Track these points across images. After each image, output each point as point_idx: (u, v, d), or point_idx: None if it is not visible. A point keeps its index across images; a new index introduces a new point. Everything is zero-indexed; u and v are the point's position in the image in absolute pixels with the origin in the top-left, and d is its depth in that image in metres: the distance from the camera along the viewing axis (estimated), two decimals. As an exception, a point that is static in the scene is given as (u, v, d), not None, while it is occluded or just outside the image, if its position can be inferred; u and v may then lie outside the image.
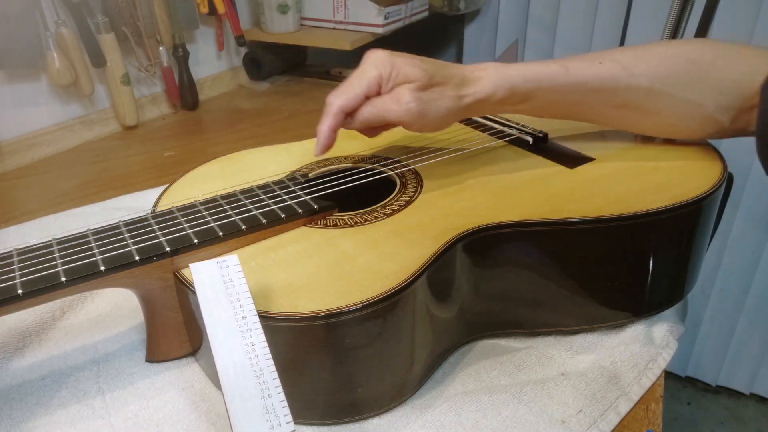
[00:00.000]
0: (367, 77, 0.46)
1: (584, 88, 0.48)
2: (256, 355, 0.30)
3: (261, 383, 0.29)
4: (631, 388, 0.44)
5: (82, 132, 0.89)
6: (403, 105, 0.45)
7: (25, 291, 0.37)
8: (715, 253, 1.30)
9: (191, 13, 0.99)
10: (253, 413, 0.28)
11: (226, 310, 0.32)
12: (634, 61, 0.47)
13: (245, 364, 0.30)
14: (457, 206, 0.47)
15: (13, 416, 0.42)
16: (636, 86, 0.47)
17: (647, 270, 0.47)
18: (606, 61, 0.48)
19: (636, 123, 0.51)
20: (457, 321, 0.46)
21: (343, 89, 0.47)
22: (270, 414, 0.29)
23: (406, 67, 0.45)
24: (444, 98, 0.46)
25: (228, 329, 0.31)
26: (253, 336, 0.31)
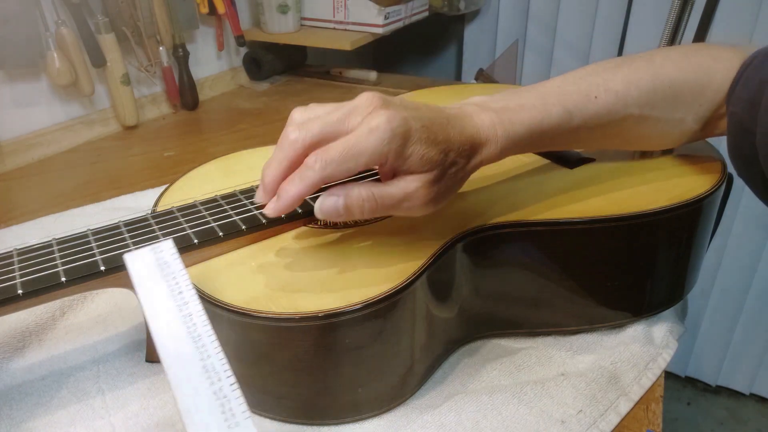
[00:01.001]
0: (367, 154, 0.35)
1: (584, 129, 0.44)
2: (194, 323, 0.31)
3: (199, 347, 0.30)
4: (631, 388, 0.44)
5: (82, 132, 0.89)
6: (420, 206, 0.38)
7: (25, 291, 0.36)
8: (715, 253, 1.31)
9: (191, 13, 0.99)
10: (193, 375, 0.29)
11: (161, 287, 0.33)
12: (627, 90, 0.45)
13: (183, 331, 0.31)
14: (457, 206, 0.47)
15: (13, 416, 0.42)
16: (628, 116, 0.45)
17: (647, 270, 0.47)
18: (601, 94, 0.44)
19: (620, 145, 0.50)
20: (457, 321, 0.46)
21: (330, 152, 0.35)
22: (210, 373, 0.29)
23: (421, 147, 0.36)
24: (456, 182, 0.39)
25: (165, 305, 0.32)
26: (191, 307, 0.32)
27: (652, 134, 0.48)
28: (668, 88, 0.45)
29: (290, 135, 0.36)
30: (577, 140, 0.46)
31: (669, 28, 0.71)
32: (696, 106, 0.46)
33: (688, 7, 0.70)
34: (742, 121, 0.40)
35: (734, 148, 0.43)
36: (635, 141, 0.49)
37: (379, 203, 0.37)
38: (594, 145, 0.49)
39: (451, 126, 0.38)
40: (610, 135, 0.47)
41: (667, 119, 0.46)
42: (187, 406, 0.28)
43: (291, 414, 0.40)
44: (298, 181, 0.36)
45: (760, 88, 0.38)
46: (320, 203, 0.37)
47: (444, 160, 0.37)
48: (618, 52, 1.22)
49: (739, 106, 0.41)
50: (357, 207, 0.37)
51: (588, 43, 1.25)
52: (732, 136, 0.42)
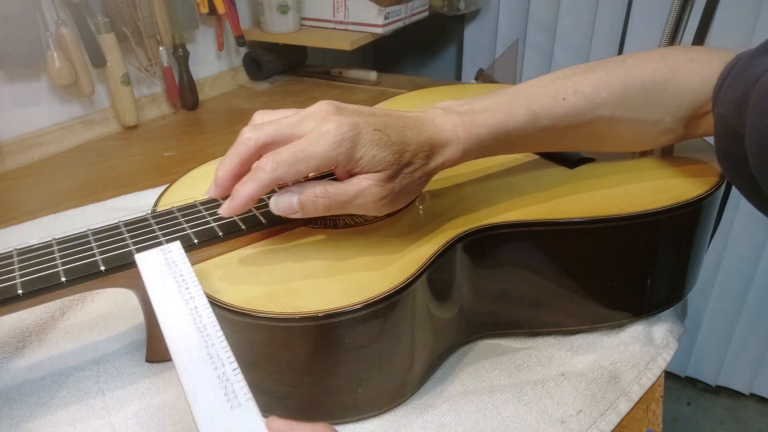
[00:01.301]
0: (317, 157, 0.36)
1: (552, 130, 0.45)
2: (199, 315, 0.34)
3: (204, 336, 0.32)
4: (631, 388, 0.44)
5: (82, 132, 0.89)
6: (374, 203, 0.38)
7: (25, 291, 0.37)
8: (715, 253, 1.31)
9: (191, 13, 0.99)
10: (198, 361, 0.31)
11: (170, 283, 0.36)
12: (596, 92, 0.45)
13: (189, 322, 0.33)
14: (457, 206, 0.47)
15: (13, 416, 0.42)
16: (599, 118, 0.45)
17: (647, 270, 0.47)
18: (569, 95, 0.44)
19: (595, 147, 0.50)
20: (457, 321, 0.46)
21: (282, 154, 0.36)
22: (214, 359, 0.31)
23: (373, 148, 0.37)
24: (413, 182, 0.40)
25: (173, 299, 0.35)
26: (197, 301, 0.35)
27: (628, 135, 0.48)
28: (640, 89, 0.45)
29: (245, 134, 0.38)
30: (547, 142, 0.46)
31: (669, 28, 0.71)
32: (673, 107, 0.46)
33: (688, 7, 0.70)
34: (729, 122, 0.40)
35: (722, 150, 0.43)
36: (612, 142, 0.49)
37: (332, 199, 0.38)
38: (567, 146, 0.49)
39: (408, 128, 0.39)
40: (583, 137, 0.47)
41: (642, 120, 0.46)
42: (192, 389, 0.29)
43: (291, 414, 0.40)
44: (250, 183, 0.37)
45: (745, 89, 0.39)
46: (275, 200, 0.38)
47: (398, 160, 0.38)
48: (618, 52, 1.22)
49: (726, 107, 0.41)
50: (310, 203, 0.38)
51: (588, 43, 1.25)
52: (719, 137, 0.42)
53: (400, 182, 0.39)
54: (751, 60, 0.40)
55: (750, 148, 0.37)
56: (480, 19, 1.39)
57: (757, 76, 0.38)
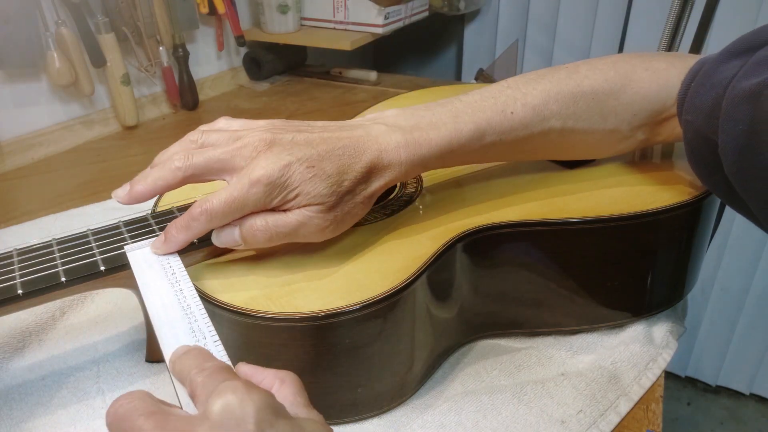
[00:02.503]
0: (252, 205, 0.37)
1: (499, 144, 0.44)
2: (184, 295, 0.36)
3: (188, 313, 0.34)
4: (631, 388, 0.44)
5: (82, 132, 0.89)
6: (317, 232, 0.39)
7: (25, 291, 0.37)
8: (715, 253, 1.31)
9: (191, 13, 0.99)
10: (181, 335, 0.33)
11: (156, 269, 0.38)
12: (545, 103, 0.44)
13: (174, 301, 0.35)
14: (457, 206, 0.47)
15: (13, 416, 0.42)
16: (549, 129, 0.45)
17: (647, 270, 0.47)
18: (518, 109, 0.44)
19: (549, 157, 0.50)
20: (457, 321, 0.46)
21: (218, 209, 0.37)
22: (196, 333, 0.33)
23: (306, 185, 0.37)
24: (356, 205, 0.40)
25: (158, 282, 0.37)
26: (182, 284, 0.37)
27: (582, 144, 0.47)
28: (591, 99, 0.45)
29: (175, 162, 0.38)
30: (496, 154, 0.46)
31: (669, 28, 0.71)
32: (628, 115, 0.46)
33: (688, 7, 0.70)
34: (700, 129, 0.40)
35: (695, 156, 0.43)
36: (567, 152, 0.49)
37: (274, 231, 0.38)
38: (521, 157, 0.49)
39: (347, 156, 0.39)
40: (535, 148, 0.46)
41: (595, 130, 0.46)
42: None
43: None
44: (185, 231, 0.38)
45: (715, 95, 0.38)
46: (216, 234, 0.39)
47: (336, 191, 0.38)
48: (618, 51, 1.22)
49: (694, 114, 0.41)
50: (251, 236, 0.38)
51: (588, 43, 1.25)
52: (690, 144, 0.42)
53: (341, 209, 0.39)
54: (717, 65, 0.40)
55: (725, 155, 0.37)
56: (480, 19, 1.39)
57: (726, 81, 0.38)
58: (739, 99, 0.36)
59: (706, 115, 0.39)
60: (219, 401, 0.24)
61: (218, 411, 0.24)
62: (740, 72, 0.37)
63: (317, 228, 0.39)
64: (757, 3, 1.06)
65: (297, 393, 0.29)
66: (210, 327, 0.33)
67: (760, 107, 0.34)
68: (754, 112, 0.35)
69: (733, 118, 0.36)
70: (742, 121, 0.35)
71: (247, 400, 0.24)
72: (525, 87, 0.45)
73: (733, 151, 0.36)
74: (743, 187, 0.37)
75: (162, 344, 0.32)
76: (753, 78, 0.36)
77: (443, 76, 1.53)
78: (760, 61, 0.36)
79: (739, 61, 0.38)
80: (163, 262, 0.39)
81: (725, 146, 0.37)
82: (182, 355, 0.29)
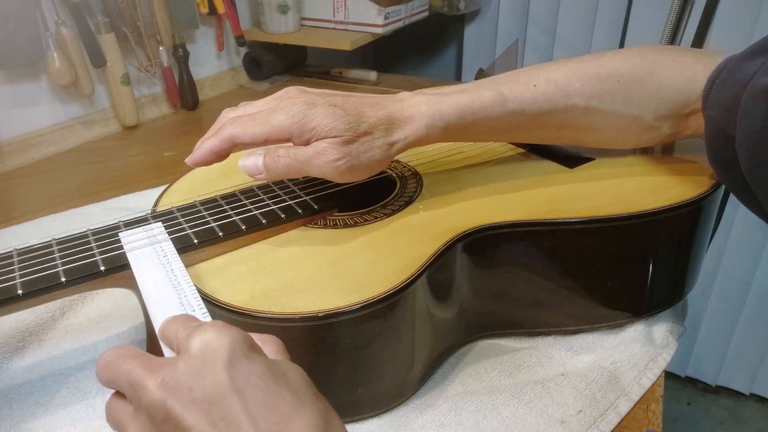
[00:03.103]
0: (273, 123, 0.40)
1: (521, 114, 0.45)
2: (175, 275, 0.37)
3: (178, 290, 0.36)
4: (631, 388, 0.44)
5: (82, 132, 0.89)
6: (331, 162, 0.40)
7: (25, 291, 0.37)
8: (715, 253, 1.30)
9: (191, 13, 0.99)
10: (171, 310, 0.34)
11: (148, 251, 0.40)
12: (569, 80, 0.46)
13: (164, 279, 0.37)
14: (457, 206, 0.47)
15: (13, 416, 0.42)
16: (572, 106, 0.46)
17: (647, 270, 0.47)
18: (540, 83, 0.45)
19: (574, 139, 0.50)
20: (457, 321, 0.46)
21: (244, 119, 0.41)
22: (185, 306, 0.34)
23: (325, 118, 0.40)
24: (373, 149, 0.42)
25: (150, 262, 0.39)
26: (173, 265, 0.38)
27: (606, 128, 0.48)
28: (617, 82, 0.46)
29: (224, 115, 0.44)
30: (519, 128, 0.47)
31: (669, 28, 0.71)
32: (653, 104, 0.46)
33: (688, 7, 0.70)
34: (720, 125, 0.40)
35: (714, 152, 0.43)
36: (590, 135, 0.49)
37: (293, 158, 0.41)
38: (543, 136, 0.50)
39: (368, 105, 0.43)
40: (558, 125, 0.47)
41: (618, 114, 0.47)
42: None
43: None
44: (212, 137, 0.42)
45: (735, 91, 0.39)
46: (242, 160, 0.42)
47: (354, 128, 0.41)
48: (618, 52, 1.22)
49: (716, 110, 0.41)
50: (272, 161, 0.41)
51: (588, 43, 1.25)
52: (710, 140, 0.43)
53: (357, 148, 0.41)
54: (741, 63, 0.40)
55: (741, 151, 0.37)
56: (480, 19, 1.39)
57: (747, 78, 0.38)
58: (756, 95, 0.36)
59: (726, 111, 0.40)
60: (197, 337, 0.26)
61: (196, 346, 0.26)
62: (761, 69, 0.37)
63: (331, 158, 0.40)
64: (757, 3, 1.06)
65: (278, 352, 0.30)
66: (198, 300, 0.34)
67: None
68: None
69: (750, 113, 0.36)
70: (758, 117, 0.36)
71: (223, 335, 0.26)
72: (549, 66, 0.47)
73: (748, 146, 0.37)
74: (757, 182, 0.37)
75: (153, 320, 0.33)
76: None
77: (443, 76, 1.53)
78: None
79: (763, 58, 0.39)
80: (155, 245, 0.40)
81: (741, 141, 0.37)
82: (168, 321, 0.31)
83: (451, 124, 0.44)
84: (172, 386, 0.25)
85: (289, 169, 0.41)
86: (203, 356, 0.26)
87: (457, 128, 0.44)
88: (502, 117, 0.45)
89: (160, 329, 0.31)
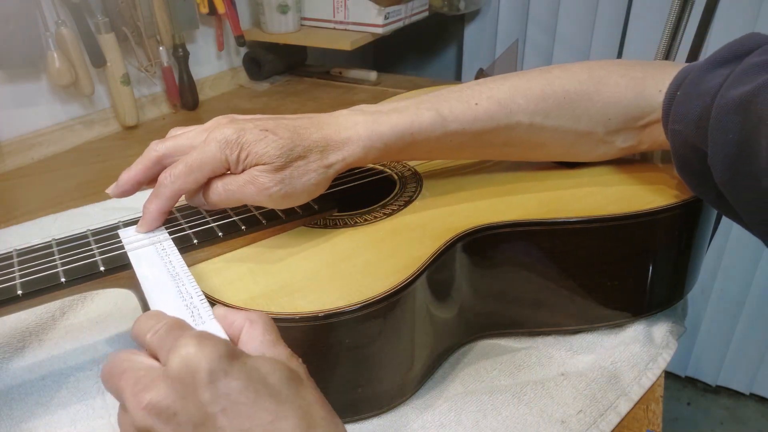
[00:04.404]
0: (209, 163, 0.40)
1: (462, 134, 0.44)
2: (173, 265, 0.38)
3: (176, 280, 0.36)
4: (631, 388, 0.44)
5: (82, 132, 0.89)
6: (263, 191, 0.40)
7: (25, 291, 0.37)
8: (715, 253, 1.30)
9: (191, 13, 0.99)
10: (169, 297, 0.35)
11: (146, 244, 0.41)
12: (512, 98, 0.45)
13: (163, 270, 0.38)
14: (457, 206, 0.47)
15: (13, 416, 0.42)
16: (516, 124, 0.45)
17: (647, 270, 0.47)
18: (482, 101, 0.44)
19: (523, 156, 0.50)
20: (457, 321, 0.46)
21: (179, 169, 0.40)
22: (183, 294, 0.35)
23: (257, 145, 0.39)
24: (308, 173, 0.41)
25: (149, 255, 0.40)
26: (171, 256, 0.39)
27: (555, 144, 0.47)
28: (562, 98, 0.45)
29: (152, 146, 0.43)
30: (460, 146, 0.46)
31: (669, 28, 0.71)
32: (603, 119, 0.46)
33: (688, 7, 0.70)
34: (689, 138, 0.40)
35: (683, 165, 0.43)
36: (537, 151, 0.49)
37: (228, 189, 0.40)
38: (490, 154, 0.49)
39: (303, 127, 0.41)
40: (501, 143, 0.46)
41: (567, 130, 0.46)
42: None
43: None
44: (155, 199, 0.41)
45: (702, 104, 0.38)
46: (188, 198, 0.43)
47: (287, 153, 0.40)
48: (618, 51, 1.22)
49: (682, 123, 0.41)
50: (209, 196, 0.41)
51: (588, 43, 1.25)
52: (678, 153, 0.42)
53: (290, 173, 0.40)
54: (703, 74, 0.40)
55: (715, 165, 0.37)
56: (480, 19, 1.39)
57: (713, 90, 0.38)
58: (727, 108, 0.36)
59: (694, 125, 0.39)
60: (176, 357, 0.27)
61: (175, 366, 0.27)
62: (727, 81, 0.37)
63: (263, 187, 0.39)
64: (757, 3, 1.06)
65: (265, 331, 0.30)
66: (196, 288, 0.35)
67: (749, 117, 0.34)
68: (743, 121, 0.35)
69: (723, 128, 0.36)
70: (731, 131, 0.35)
71: (199, 353, 0.26)
72: (493, 83, 0.46)
73: (723, 160, 0.36)
74: (734, 195, 0.37)
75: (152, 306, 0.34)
76: (741, 87, 0.36)
77: (443, 76, 1.53)
78: (746, 70, 0.36)
79: (725, 69, 0.38)
80: (153, 239, 0.41)
81: (715, 156, 0.37)
82: (138, 320, 0.31)
83: (390, 144, 0.43)
84: (157, 412, 0.26)
85: (222, 200, 0.41)
86: (184, 377, 0.26)
87: (397, 148, 0.44)
88: (442, 137, 0.44)
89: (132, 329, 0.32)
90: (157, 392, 0.26)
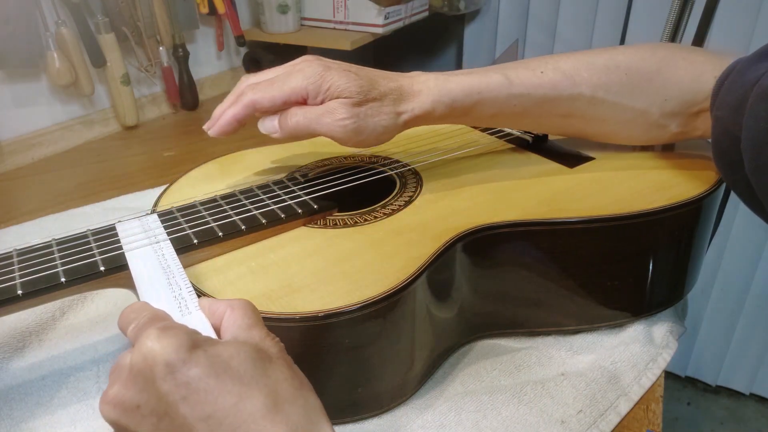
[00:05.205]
0: (291, 85, 0.43)
1: (527, 98, 0.46)
2: (165, 259, 0.39)
3: (167, 272, 0.37)
4: (631, 388, 0.44)
5: (82, 132, 0.89)
6: (338, 121, 0.43)
7: (25, 291, 0.37)
8: (715, 253, 1.30)
9: (191, 13, 0.99)
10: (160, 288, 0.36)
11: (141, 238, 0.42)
12: (576, 70, 0.47)
13: (155, 262, 0.39)
14: (457, 206, 0.47)
15: (13, 416, 0.42)
16: (578, 95, 0.47)
17: (647, 270, 0.47)
18: (548, 70, 0.47)
19: (580, 130, 0.51)
20: (457, 321, 0.46)
21: (262, 85, 0.44)
22: (173, 285, 0.36)
23: (339, 80, 0.43)
24: (381, 115, 0.44)
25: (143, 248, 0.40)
26: (164, 250, 0.40)
27: (611, 120, 0.49)
28: (624, 74, 0.47)
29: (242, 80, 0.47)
30: (523, 112, 0.48)
31: (669, 28, 0.71)
32: (659, 99, 0.47)
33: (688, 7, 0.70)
34: (727, 125, 0.40)
35: (720, 153, 0.43)
36: (596, 126, 0.50)
37: (302, 115, 0.44)
38: (549, 124, 0.50)
39: (381, 76, 0.45)
40: (562, 114, 0.48)
41: (625, 107, 0.47)
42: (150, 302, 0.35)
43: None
44: (233, 105, 0.45)
45: (743, 92, 0.39)
46: (261, 121, 0.46)
47: (365, 92, 0.43)
48: (618, 52, 1.22)
49: (724, 110, 0.41)
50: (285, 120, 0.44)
51: (588, 43, 1.25)
52: (717, 140, 0.43)
53: (365, 111, 0.44)
54: (750, 64, 0.40)
55: (746, 151, 0.37)
56: (480, 19, 1.39)
57: (755, 79, 0.38)
58: (762, 96, 0.36)
59: (733, 112, 0.40)
60: (136, 352, 0.28)
61: (136, 360, 0.28)
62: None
63: (340, 117, 0.43)
64: (757, 3, 1.06)
65: (244, 316, 0.31)
66: (185, 280, 0.36)
67: None
68: None
69: (755, 114, 0.36)
70: (762, 118, 0.36)
71: (157, 346, 0.27)
72: (559, 56, 0.48)
73: (752, 147, 0.37)
74: (760, 184, 0.37)
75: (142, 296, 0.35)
76: None
77: (443, 76, 1.53)
78: None
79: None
80: (149, 233, 0.42)
81: (746, 143, 0.37)
82: (122, 313, 0.32)
83: (457, 101, 0.45)
84: (122, 407, 0.28)
85: (298, 126, 0.44)
86: (143, 370, 0.27)
87: (463, 106, 0.46)
88: (506, 100, 0.46)
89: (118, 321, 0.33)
90: (119, 387, 0.28)
